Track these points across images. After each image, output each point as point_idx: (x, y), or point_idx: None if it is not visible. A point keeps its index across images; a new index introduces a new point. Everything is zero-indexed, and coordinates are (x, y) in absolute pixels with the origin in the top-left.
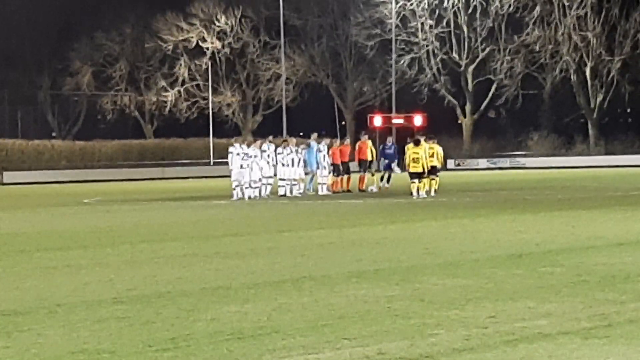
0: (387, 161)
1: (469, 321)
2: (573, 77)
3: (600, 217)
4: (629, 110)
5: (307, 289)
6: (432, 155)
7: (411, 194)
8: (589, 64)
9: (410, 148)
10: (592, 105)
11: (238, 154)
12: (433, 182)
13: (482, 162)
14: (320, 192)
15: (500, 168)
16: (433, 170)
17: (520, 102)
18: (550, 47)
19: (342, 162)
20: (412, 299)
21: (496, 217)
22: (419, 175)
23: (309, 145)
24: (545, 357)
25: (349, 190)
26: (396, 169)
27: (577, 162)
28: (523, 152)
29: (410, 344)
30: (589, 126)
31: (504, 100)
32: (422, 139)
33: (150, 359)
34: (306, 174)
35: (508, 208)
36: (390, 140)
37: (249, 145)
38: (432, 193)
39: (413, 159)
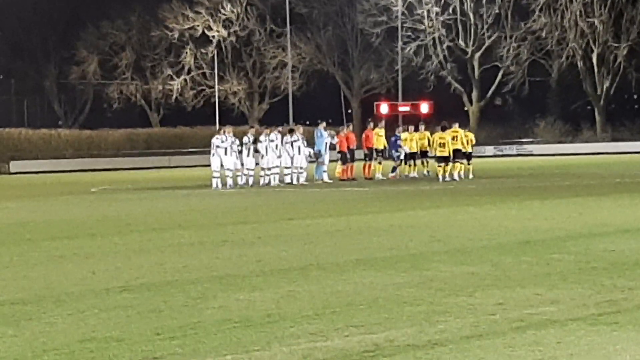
0: (398, 152)
1: (477, 308)
2: (580, 64)
3: (608, 203)
4: (636, 97)
5: (314, 277)
6: (453, 139)
7: (437, 178)
8: (595, 51)
9: (437, 133)
10: (598, 92)
11: (223, 142)
12: (458, 165)
13: (489, 149)
14: (325, 180)
15: (507, 155)
16: (457, 155)
17: (526, 89)
18: (556, 33)
19: (349, 150)
20: (420, 286)
21: (503, 204)
22: (445, 159)
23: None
24: (554, 343)
25: (354, 179)
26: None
27: (584, 148)
28: (530, 139)
29: (419, 331)
30: (596, 113)
31: (511, 87)
32: (456, 125)
33: (158, 347)
34: (313, 161)
35: (515, 195)
36: (400, 131)
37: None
38: (456, 177)
39: (440, 144)
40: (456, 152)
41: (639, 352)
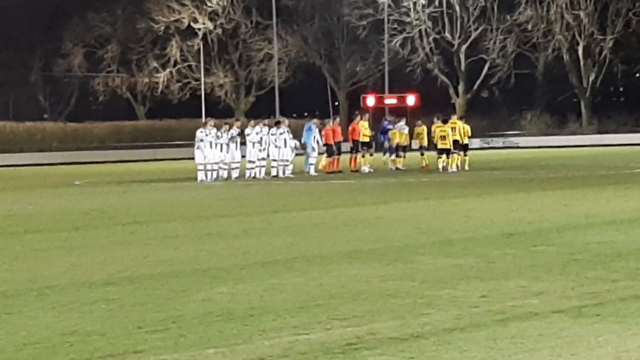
0: (387, 138)
1: (460, 300)
2: (565, 56)
3: (593, 195)
4: (621, 89)
5: (298, 269)
6: (452, 130)
7: (439, 169)
8: (581, 43)
9: (438, 126)
10: (584, 84)
11: (207, 136)
12: (456, 157)
13: (475, 142)
14: (311, 173)
15: (493, 147)
16: (455, 146)
17: (513, 82)
18: (542, 26)
19: (335, 142)
20: (405, 278)
21: (489, 197)
22: (446, 152)
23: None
24: (536, 335)
25: (340, 171)
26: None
27: (570, 141)
28: (516, 132)
29: (401, 324)
30: (582, 105)
31: (497, 79)
32: (455, 117)
33: (140, 341)
34: (300, 154)
35: (501, 187)
36: (390, 117)
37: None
38: (454, 168)
39: (441, 136)
40: (454, 143)
41: (621, 344)
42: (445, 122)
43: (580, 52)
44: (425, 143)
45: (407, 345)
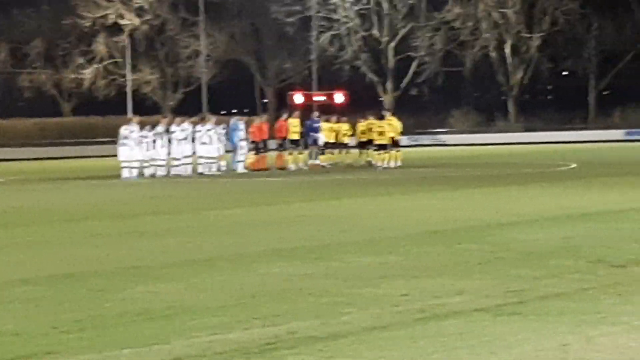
0: (315, 136)
1: (381, 299)
2: (493, 55)
3: (518, 193)
4: (549, 87)
5: (220, 268)
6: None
7: (373, 165)
8: (508, 41)
9: (376, 122)
10: (512, 82)
11: (132, 133)
12: (394, 154)
13: (404, 139)
14: (238, 170)
15: (421, 145)
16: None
17: (441, 79)
18: (470, 24)
19: (262, 140)
20: (327, 277)
21: (415, 194)
22: (384, 147)
23: (231, 123)
24: (456, 334)
25: (267, 169)
26: (319, 141)
27: (498, 138)
28: (444, 129)
29: (321, 323)
30: (509, 103)
31: (425, 77)
32: (388, 114)
33: (55, 341)
34: (228, 151)
35: (427, 185)
36: (316, 115)
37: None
38: (392, 164)
39: (379, 132)
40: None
41: (540, 342)
42: (381, 117)
43: (507, 51)
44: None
45: (326, 345)
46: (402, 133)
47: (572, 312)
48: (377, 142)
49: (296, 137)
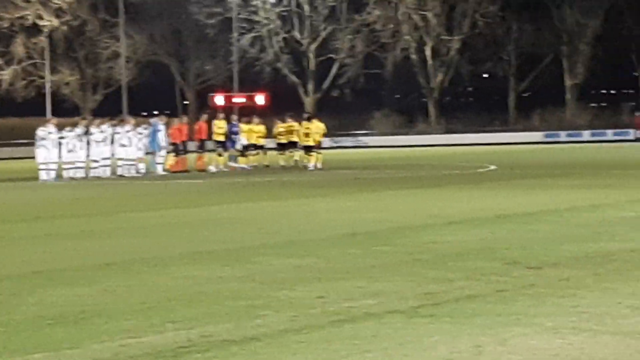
0: (235, 138)
1: (297, 302)
2: (414, 57)
3: (437, 195)
4: (469, 90)
5: (136, 271)
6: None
7: (304, 166)
8: (429, 44)
9: (303, 124)
10: (432, 85)
11: (50, 134)
12: (321, 156)
13: (325, 141)
14: (158, 172)
15: (343, 147)
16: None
17: (362, 81)
18: (390, 26)
19: (182, 141)
20: (243, 280)
21: (335, 197)
22: (310, 149)
23: (151, 125)
24: (370, 336)
25: (186, 170)
26: (238, 145)
27: (419, 140)
28: (365, 131)
29: (236, 326)
30: (430, 105)
31: (347, 79)
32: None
33: None
34: (148, 153)
35: (347, 187)
36: (235, 119)
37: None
38: (319, 165)
39: (305, 134)
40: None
41: (454, 343)
42: (309, 119)
43: (428, 53)
44: (293, 139)
45: (240, 348)
46: (324, 135)
47: (486, 313)
48: (303, 144)
49: (222, 138)
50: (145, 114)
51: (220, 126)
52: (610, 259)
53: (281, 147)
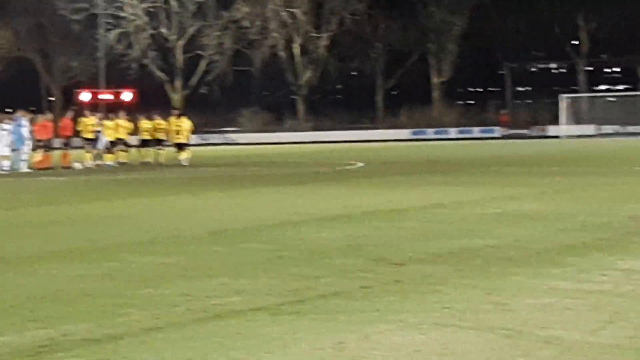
0: (98, 135)
1: (161, 300)
2: (282, 54)
3: (305, 192)
4: (338, 87)
5: None
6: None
7: (178, 163)
8: (297, 41)
9: (173, 121)
10: (300, 82)
11: None
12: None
13: (194, 138)
14: (22, 169)
15: (211, 144)
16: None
17: (231, 78)
18: (258, 23)
19: (47, 139)
20: (107, 278)
21: (202, 194)
22: (182, 146)
23: (14, 121)
24: (234, 334)
25: (51, 167)
26: (100, 144)
27: (288, 137)
28: (234, 128)
29: (98, 325)
30: (299, 102)
31: (215, 76)
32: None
33: None
34: (13, 150)
35: (215, 184)
36: (99, 116)
37: None
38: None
39: (176, 131)
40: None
41: (317, 340)
42: (179, 116)
43: (296, 50)
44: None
45: (102, 347)
46: (192, 132)
47: (350, 310)
48: (175, 141)
49: (91, 135)
50: (10, 110)
51: (88, 123)
52: (473, 255)
53: (144, 143)
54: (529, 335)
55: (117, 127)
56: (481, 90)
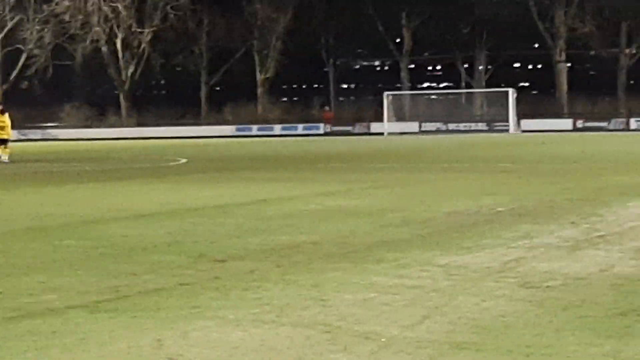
0: None
1: None
2: (104, 49)
3: (126, 188)
4: (162, 83)
5: None
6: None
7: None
8: (119, 36)
9: None
10: (123, 77)
11: None
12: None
13: (13, 134)
14: None
15: (31, 140)
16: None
17: (51, 73)
18: (80, 17)
19: None
20: None
21: (17, 190)
22: (4, 142)
23: None
24: (49, 332)
25: None
26: None
27: (110, 133)
28: (55, 124)
29: None
30: (121, 98)
31: (35, 70)
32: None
33: None
34: None
35: (32, 180)
36: None
37: None
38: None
39: (1, 127)
40: None
41: (134, 338)
42: (2, 112)
43: (118, 45)
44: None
45: None
46: (11, 127)
47: (169, 307)
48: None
49: None
50: None
51: None
52: (295, 251)
53: None
54: (347, 331)
55: None
56: (305, 87)
